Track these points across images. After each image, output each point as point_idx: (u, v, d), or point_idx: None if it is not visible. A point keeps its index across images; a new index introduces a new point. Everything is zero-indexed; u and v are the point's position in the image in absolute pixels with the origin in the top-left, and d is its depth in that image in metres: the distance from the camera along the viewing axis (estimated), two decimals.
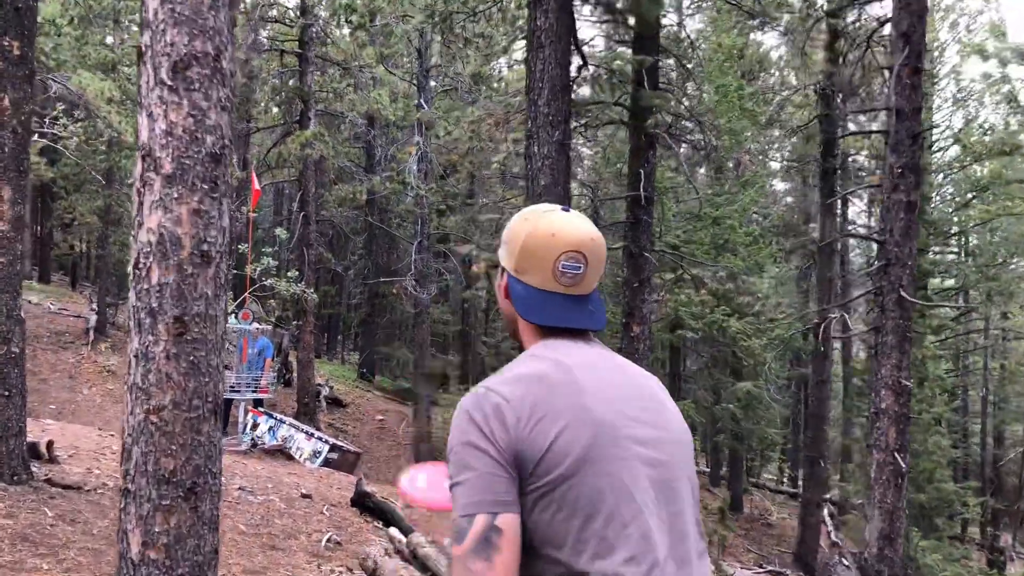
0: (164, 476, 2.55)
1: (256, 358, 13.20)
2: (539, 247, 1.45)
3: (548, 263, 1.44)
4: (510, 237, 1.52)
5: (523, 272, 1.47)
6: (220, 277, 2.68)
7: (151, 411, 2.56)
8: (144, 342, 2.58)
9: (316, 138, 15.96)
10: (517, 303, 1.48)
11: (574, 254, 1.44)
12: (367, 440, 17.73)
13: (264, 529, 7.40)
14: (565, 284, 1.45)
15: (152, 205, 2.59)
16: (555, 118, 6.09)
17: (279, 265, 18.90)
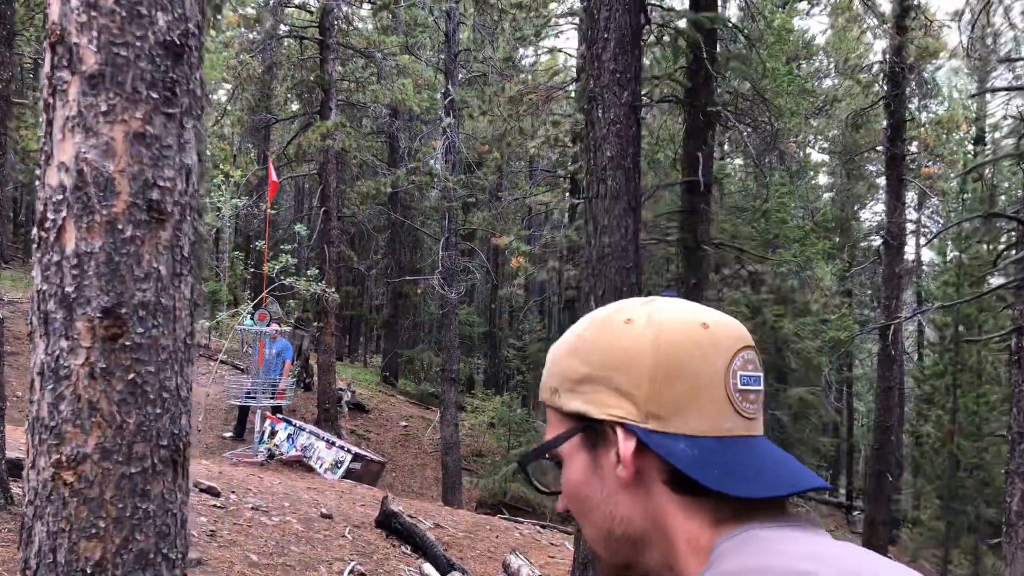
0: (85, 572, 1.53)
1: (275, 361, 12.43)
2: (692, 353, 0.77)
3: (716, 379, 0.77)
4: (611, 357, 0.79)
5: (672, 413, 0.77)
6: (182, 246, 1.66)
7: (63, 464, 1.55)
8: (53, 350, 1.57)
9: (337, 128, 15.11)
10: (694, 471, 0.74)
11: (749, 351, 0.79)
12: (391, 448, 16.92)
13: (279, 559, 6.50)
14: (749, 414, 0.78)
15: (66, 124, 1.57)
16: (623, 75, 5.03)
17: (299, 263, 18.14)
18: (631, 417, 0.76)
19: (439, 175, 15.15)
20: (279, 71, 20.32)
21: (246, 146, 23.16)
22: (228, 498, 7.47)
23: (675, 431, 0.76)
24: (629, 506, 0.78)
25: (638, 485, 0.78)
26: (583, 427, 0.80)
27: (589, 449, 0.80)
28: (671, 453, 0.75)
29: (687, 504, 0.76)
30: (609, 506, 0.79)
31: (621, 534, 0.80)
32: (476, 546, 8.80)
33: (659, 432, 0.76)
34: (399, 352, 22.91)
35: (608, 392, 0.78)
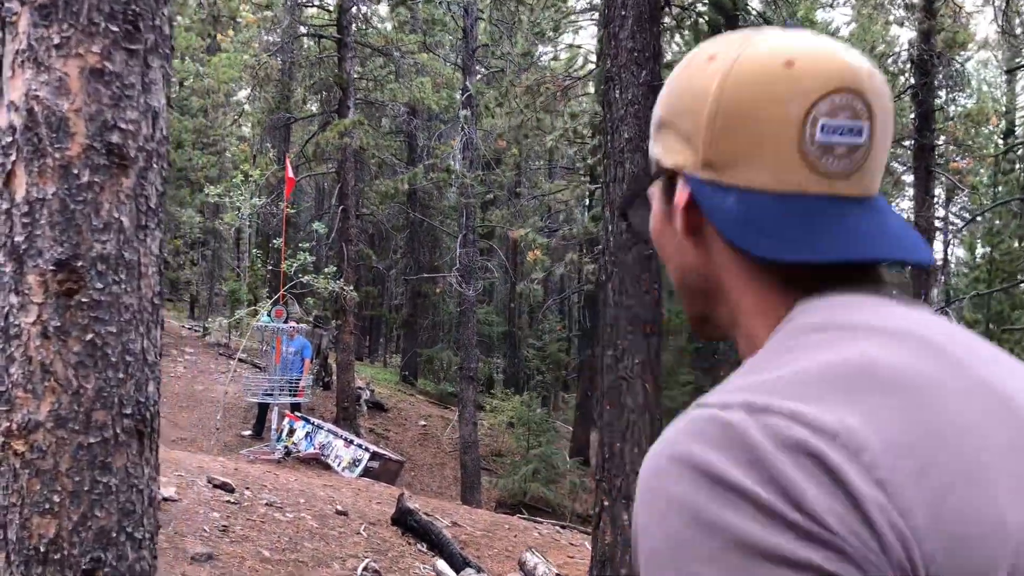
0: (38, 550, 1.39)
1: (293, 359, 12.39)
2: (761, 96, 0.64)
3: (787, 127, 0.63)
4: (682, 99, 0.70)
5: (729, 163, 0.66)
6: (147, 195, 1.51)
7: (13, 432, 1.40)
8: (3, 306, 1.42)
9: (355, 127, 15.06)
10: (730, 228, 0.65)
11: (845, 96, 0.63)
12: (409, 447, 16.82)
13: (291, 555, 6.40)
14: (832, 170, 0.64)
15: (16, 60, 1.43)
16: (642, 54, 4.83)
17: (317, 262, 18.11)
18: (689, 165, 0.69)
19: (457, 172, 15.05)
20: (298, 71, 20.35)
21: (266, 146, 23.21)
22: (242, 494, 7.38)
23: (728, 183, 0.67)
24: (695, 258, 0.73)
25: (700, 238, 0.71)
26: (661, 174, 0.74)
27: (665, 197, 0.74)
28: (713, 207, 0.67)
29: (751, 264, 0.68)
30: (679, 257, 0.75)
31: (691, 285, 0.75)
32: (494, 545, 8.66)
33: (711, 183, 0.68)
34: (418, 351, 22.86)
35: (676, 137, 0.71)
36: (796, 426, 0.51)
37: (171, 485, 6.74)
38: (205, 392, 15.82)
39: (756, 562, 0.49)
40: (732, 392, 0.56)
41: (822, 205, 0.65)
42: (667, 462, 0.54)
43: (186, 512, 6.17)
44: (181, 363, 17.41)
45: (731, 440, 0.52)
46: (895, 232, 0.66)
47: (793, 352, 0.59)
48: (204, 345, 19.25)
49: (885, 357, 0.56)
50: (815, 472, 0.50)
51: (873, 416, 0.52)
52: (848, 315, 0.61)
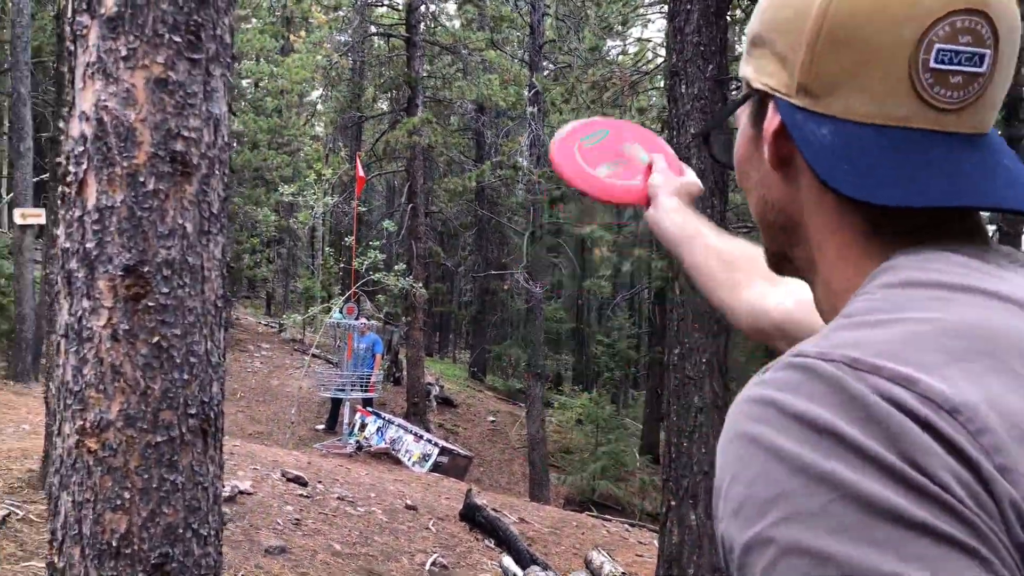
0: (110, 545, 1.45)
1: (365, 355, 12.61)
2: (872, 15, 0.56)
3: (900, 50, 0.56)
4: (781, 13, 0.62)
5: (828, 89, 0.59)
6: (210, 201, 1.56)
7: (87, 431, 1.47)
8: (76, 311, 1.49)
9: (424, 125, 15.21)
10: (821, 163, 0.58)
11: (969, 17, 0.55)
12: (478, 443, 16.93)
13: (361, 548, 6.50)
14: (945, 102, 0.57)
15: (86, 72, 1.49)
16: (708, 48, 4.74)
17: (387, 259, 18.39)
18: (783, 89, 0.63)
19: (524, 169, 15.06)
20: (368, 70, 20.68)
21: (338, 145, 23.68)
22: (315, 488, 7.53)
23: (825, 111, 0.60)
24: (781, 192, 0.67)
25: (789, 171, 0.65)
26: (751, 95, 0.68)
27: (754, 121, 0.68)
28: (805, 138, 0.61)
29: (843, 206, 0.61)
30: (763, 188, 0.69)
31: (773, 220, 0.69)
32: (561, 542, 8.64)
33: (806, 110, 0.61)
34: (487, 348, 22.99)
35: (770, 57, 0.64)
36: (910, 395, 0.46)
37: (247, 478, 6.92)
38: (280, 387, 16.24)
39: (876, 522, 0.43)
40: (835, 345, 0.51)
41: (928, 141, 0.58)
42: (761, 408, 0.49)
43: (261, 505, 6.33)
44: (258, 358, 17.92)
45: (836, 392, 0.47)
46: (1008, 176, 0.59)
47: (899, 310, 0.53)
48: (280, 341, 19.76)
49: (1004, 325, 0.51)
50: (935, 443, 0.45)
51: (994, 392, 0.47)
52: (954, 275, 0.55)
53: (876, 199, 0.57)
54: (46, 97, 15.47)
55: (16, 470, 5.44)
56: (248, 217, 19.65)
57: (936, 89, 0.57)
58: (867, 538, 0.43)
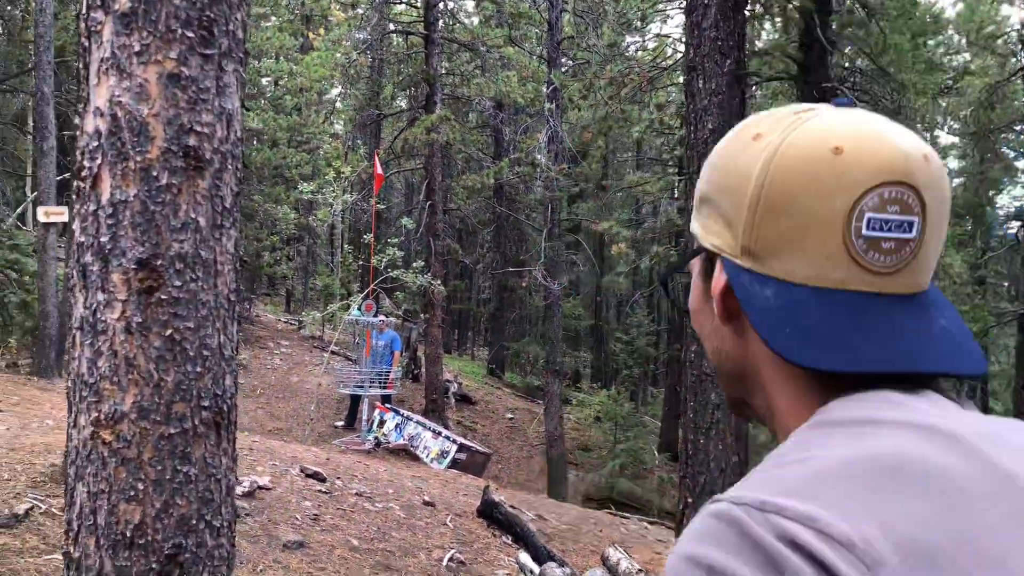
0: (124, 535, 1.46)
1: (383, 351, 12.65)
2: (806, 185, 0.61)
3: (832, 220, 0.61)
4: (725, 177, 0.67)
5: (769, 252, 0.64)
6: (223, 196, 1.57)
7: (102, 422, 1.48)
8: (91, 304, 1.50)
9: (442, 122, 15.23)
10: (764, 326, 0.63)
11: (896, 189, 0.60)
12: (496, 440, 16.96)
13: (379, 544, 6.52)
14: (878, 267, 0.62)
15: (101, 67, 1.50)
16: (725, 43, 4.71)
17: (406, 257, 18.45)
18: (728, 249, 0.67)
19: (542, 166, 15.04)
20: (387, 67, 20.73)
21: (357, 142, 23.75)
22: (334, 483, 7.57)
23: (768, 273, 0.64)
24: (732, 346, 0.70)
25: (738, 325, 0.69)
26: (701, 251, 0.72)
27: (704, 276, 0.72)
28: (749, 299, 0.64)
29: (788, 364, 0.64)
30: (716, 340, 0.72)
31: (729, 370, 0.72)
32: (579, 539, 8.63)
33: (750, 271, 0.65)
34: (505, 345, 23.01)
35: (716, 216, 0.68)
36: (810, 532, 0.49)
37: (266, 474, 6.97)
38: (300, 383, 16.34)
39: None
40: (751, 488, 0.55)
41: (866, 303, 0.61)
42: (682, 563, 0.53)
43: (279, 500, 6.37)
44: (277, 355, 18.04)
45: (742, 540, 0.51)
46: (941, 336, 0.62)
47: (819, 447, 0.56)
48: (299, 338, 19.88)
49: (913, 454, 0.53)
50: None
51: (895, 521, 0.50)
52: (878, 410, 0.58)
53: (817, 364, 0.60)
54: (69, 96, 15.67)
55: (39, 464, 5.51)
56: (268, 215, 19.77)
57: (870, 254, 0.61)
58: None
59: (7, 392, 9.32)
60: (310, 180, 18.10)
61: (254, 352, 17.75)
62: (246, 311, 19.75)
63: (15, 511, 4.64)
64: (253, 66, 18.36)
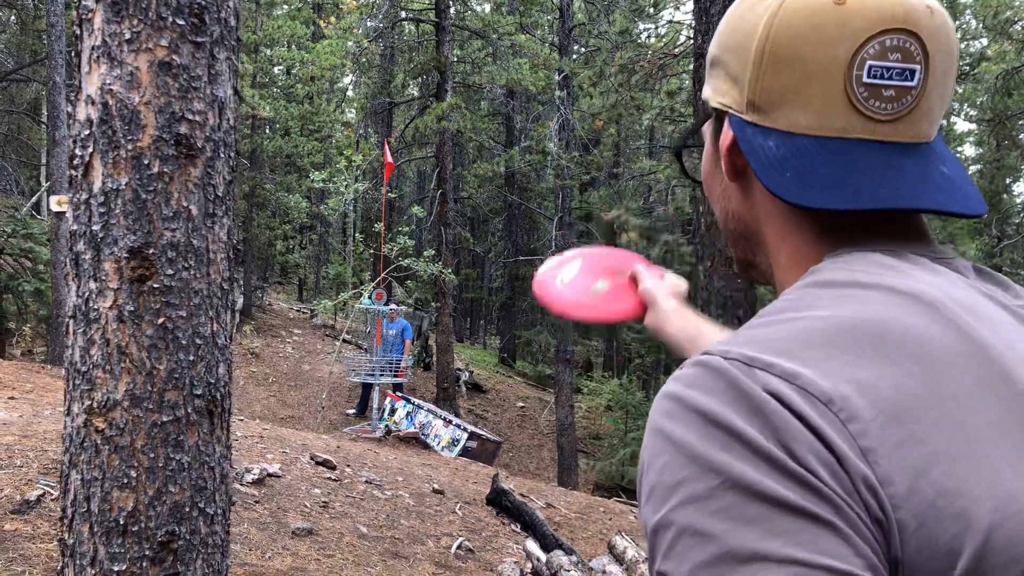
0: (118, 522, 1.47)
1: (394, 340, 12.68)
2: (809, 36, 0.62)
3: (835, 67, 0.62)
4: (733, 36, 0.68)
5: (773, 104, 0.65)
6: (215, 184, 1.56)
7: (95, 410, 1.49)
8: (83, 292, 1.51)
9: (453, 110, 15.20)
10: (765, 173, 0.64)
11: (897, 36, 0.61)
12: (507, 428, 16.99)
13: (388, 532, 6.55)
14: (880, 114, 0.62)
15: (92, 55, 1.50)
16: None
17: (418, 245, 18.45)
18: (735, 106, 0.69)
19: (553, 154, 14.99)
20: (399, 55, 20.70)
21: (368, 131, 23.75)
22: (343, 471, 7.60)
23: (771, 125, 0.66)
24: (740, 203, 0.73)
25: (745, 182, 0.71)
26: (711, 114, 0.74)
27: (714, 138, 0.74)
28: (753, 150, 0.66)
29: (791, 213, 0.68)
30: (724, 200, 0.75)
31: (734, 230, 0.75)
32: (588, 527, 8.64)
33: (755, 125, 0.67)
34: (516, 334, 23.02)
35: (724, 77, 0.70)
36: (792, 388, 0.52)
37: (276, 461, 7.01)
38: (312, 372, 16.42)
39: (749, 502, 0.50)
40: (739, 343, 0.57)
41: (866, 150, 0.63)
42: (671, 404, 0.56)
43: (289, 488, 6.41)
44: (289, 343, 18.13)
45: (729, 388, 0.53)
46: (940, 181, 0.63)
47: (807, 308, 0.59)
48: (311, 327, 19.96)
49: (894, 321, 0.56)
50: (806, 430, 0.51)
51: (871, 383, 0.53)
52: (867, 273, 0.60)
53: (813, 203, 0.62)
54: None
55: (52, 452, 5.56)
56: (280, 204, 19.82)
57: (871, 102, 0.62)
58: (743, 517, 0.49)
59: (21, 379, 9.41)
60: (322, 169, 18.12)
61: (266, 341, 17.84)
62: (258, 299, 19.85)
63: (27, 497, 4.69)
64: (264, 54, 18.39)
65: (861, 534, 0.49)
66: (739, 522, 0.49)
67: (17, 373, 9.80)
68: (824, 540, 0.48)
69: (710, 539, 0.50)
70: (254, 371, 16.14)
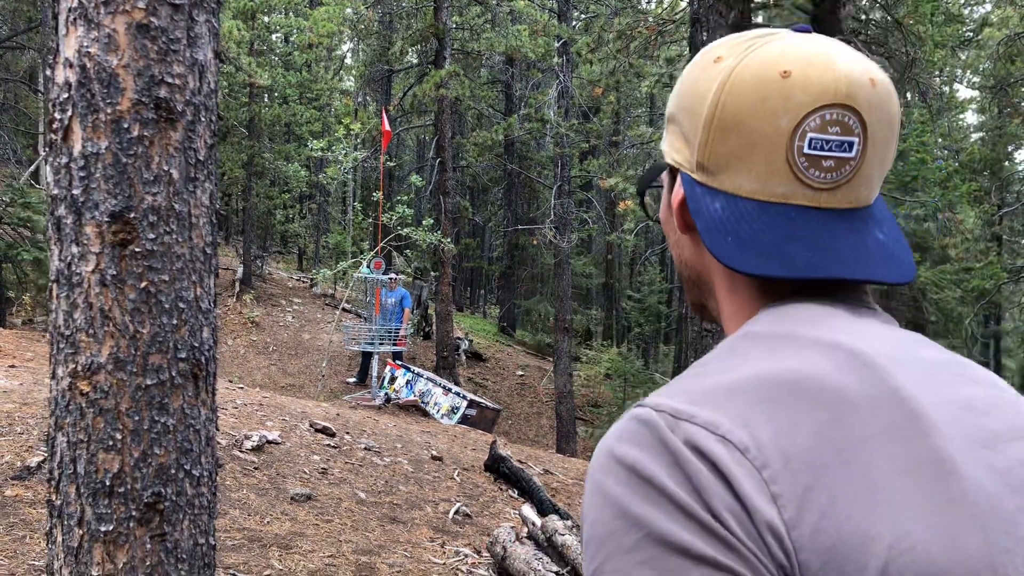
0: (104, 483, 1.49)
1: (394, 309, 12.69)
2: (755, 106, 0.66)
3: (777, 139, 0.66)
4: (686, 98, 0.73)
5: (720, 168, 0.70)
6: (196, 148, 1.56)
7: (79, 374, 1.50)
8: (66, 256, 1.51)
9: (451, 77, 15.06)
10: (708, 234, 0.69)
11: (837, 111, 0.65)
12: (506, 396, 17.08)
13: (386, 497, 6.62)
14: (819, 183, 0.67)
15: (69, 17, 1.49)
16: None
17: (417, 214, 18.40)
18: (686, 164, 0.73)
19: (552, 122, 14.88)
20: (396, 22, 20.48)
21: (367, 99, 23.58)
22: (342, 438, 7.65)
23: (718, 187, 0.70)
24: (691, 252, 0.77)
25: (695, 236, 0.75)
26: (668, 166, 0.78)
27: (669, 189, 0.78)
28: (699, 210, 0.71)
29: (731, 271, 0.72)
30: (678, 248, 0.80)
31: (688, 276, 0.80)
32: (584, 493, 8.72)
33: (703, 185, 0.71)
34: (516, 303, 23.06)
35: (678, 134, 0.74)
36: (712, 438, 0.56)
37: (275, 429, 7.05)
38: (312, 340, 16.47)
39: (667, 555, 0.54)
40: (670, 396, 0.61)
41: (805, 216, 0.67)
42: (605, 457, 0.60)
43: (288, 455, 6.46)
44: (290, 312, 18.17)
45: (656, 442, 0.58)
46: (874, 247, 0.67)
47: (735, 359, 0.63)
48: (311, 296, 19.99)
49: (812, 371, 0.59)
50: (720, 481, 0.55)
51: (785, 430, 0.56)
52: (794, 326, 0.64)
53: (749, 269, 0.66)
54: None
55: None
56: (279, 173, 19.75)
57: (811, 171, 0.66)
58: (663, 567, 0.54)
59: (21, 348, 9.46)
60: (320, 137, 18.02)
61: (266, 310, 17.88)
62: (258, 269, 19.86)
63: (27, 464, 4.74)
64: (262, 21, 18.20)
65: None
66: (659, 572, 0.54)
67: (18, 342, 9.85)
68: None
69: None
70: (254, 340, 16.21)
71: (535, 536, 5.77)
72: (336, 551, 5.01)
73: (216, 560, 1.59)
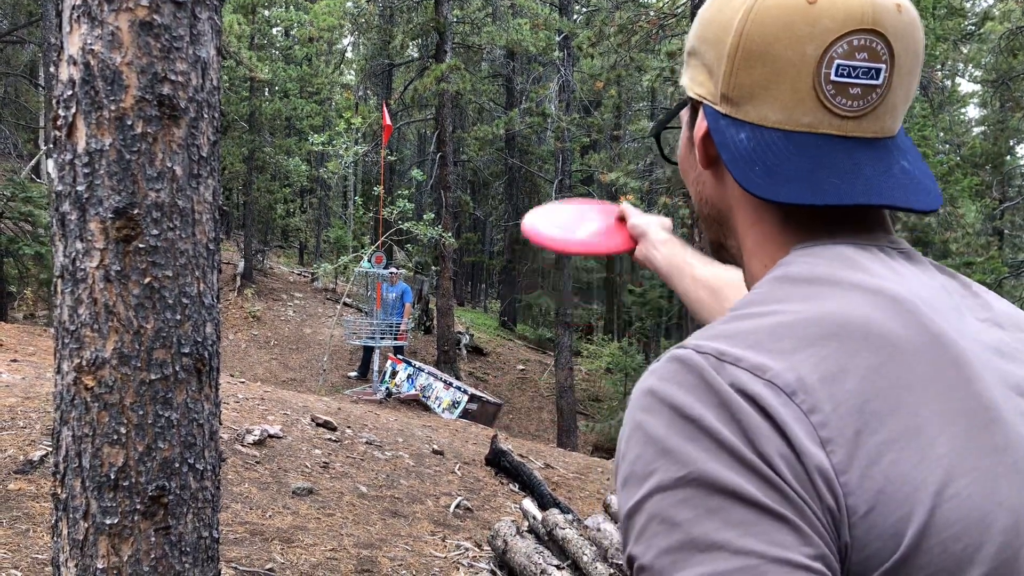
0: (109, 477, 1.51)
1: (394, 303, 12.70)
2: (781, 34, 0.65)
3: (804, 65, 0.65)
4: (709, 29, 0.71)
5: (745, 98, 0.68)
6: (199, 145, 1.58)
7: (84, 369, 1.52)
8: (70, 252, 1.53)
9: (452, 71, 15.05)
10: (735, 166, 0.67)
11: (864, 36, 0.64)
12: (508, 390, 17.10)
13: (387, 491, 6.64)
14: (845, 111, 0.65)
15: (73, 14, 1.50)
16: None
17: (418, 209, 18.40)
18: (709, 97, 0.72)
19: (553, 116, 14.87)
20: (397, 16, 20.45)
21: (368, 93, 23.56)
22: (344, 432, 7.67)
23: (743, 118, 0.69)
24: (713, 189, 0.76)
25: (717, 170, 0.74)
26: (688, 101, 0.78)
27: (689, 125, 0.77)
28: (725, 142, 0.69)
29: (759, 202, 0.71)
30: (699, 185, 0.78)
31: (707, 214, 0.78)
32: (585, 487, 8.74)
33: (728, 117, 0.70)
34: (517, 297, 23.07)
35: (701, 67, 0.73)
36: (759, 382, 0.56)
37: (277, 423, 7.07)
38: (313, 335, 16.49)
39: (711, 495, 0.53)
40: (711, 338, 0.60)
41: (831, 145, 0.66)
42: (646, 397, 0.59)
43: (290, 449, 6.47)
44: (291, 307, 18.18)
45: (701, 384, 0.57)
46: (901, 176, 0.66)
47: (776, 302, 0.62)
48: (312, 290, 20.00)
49: (857, 315, 0.59)
50: (769, 424, 0.54)
51: (834, 374, 0.56)
52: (833, 269, 0.64)
53: (779, 197, 0.65)
54: None
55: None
56: (280, 167, 19.74)
57: (837, 99, 0.65)
58: (705, 507, 0.53)
59: (24, 342, 9.48)
60: (321, 131, 18.00)
61: (267, 304, 17.90)
62: (259, 263, 19.88)
63: (30, 458, 4.76)
64: (262, 15, 18.18)
65: (811, 524, 0.53)
66: (701, 512, 0.53)
67: (20, 336, 9.87)
68: (776, 531, 0.52)
69: (675, 527, 0.53)
70: (255, 334, 16.23)
71: (536, 530, 5.79)
72: (337, 544, 5.03)
73: (219, 553, 1.61)
